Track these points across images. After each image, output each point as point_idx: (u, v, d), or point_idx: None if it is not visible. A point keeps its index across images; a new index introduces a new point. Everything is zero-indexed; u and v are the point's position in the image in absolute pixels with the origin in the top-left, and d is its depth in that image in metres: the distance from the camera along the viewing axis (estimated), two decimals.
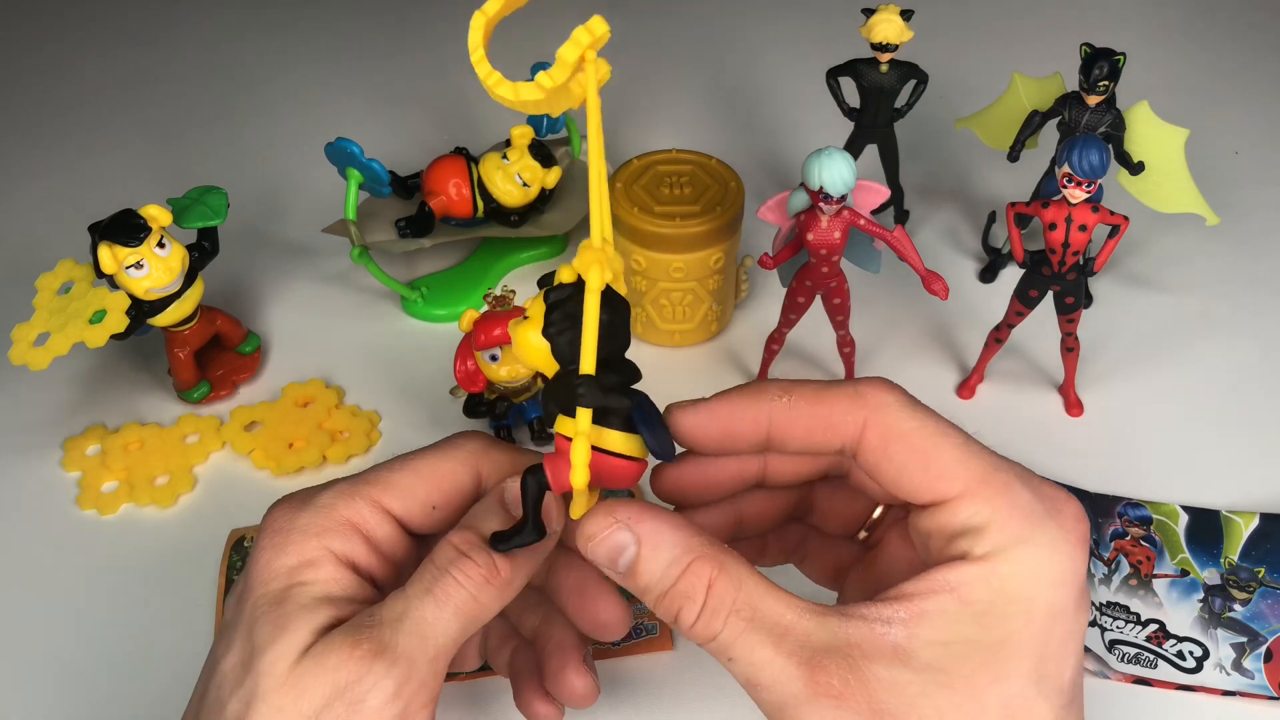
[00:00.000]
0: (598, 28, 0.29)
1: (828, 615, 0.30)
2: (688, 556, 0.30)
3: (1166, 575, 0.48)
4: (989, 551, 0.29)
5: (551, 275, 0.32)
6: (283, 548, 0.33)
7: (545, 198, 0.62)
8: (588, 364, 0.30)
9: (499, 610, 0.33)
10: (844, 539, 0.38)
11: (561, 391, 0.31)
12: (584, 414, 0.30)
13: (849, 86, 0.60)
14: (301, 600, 0.32)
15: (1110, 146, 0.51)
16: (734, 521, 0.37)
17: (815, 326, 0.55)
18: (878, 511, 0.36)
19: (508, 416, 0.52)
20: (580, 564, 0.36)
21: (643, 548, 0.31)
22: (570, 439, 0.30)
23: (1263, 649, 0.46)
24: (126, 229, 0.49)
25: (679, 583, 0.30)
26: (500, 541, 0.32)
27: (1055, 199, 0.48)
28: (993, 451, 0.32)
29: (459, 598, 0.32)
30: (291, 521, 0.34)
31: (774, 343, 0.55)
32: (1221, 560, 0.49)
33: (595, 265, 0.30)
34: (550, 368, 0.31)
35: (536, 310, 0.31)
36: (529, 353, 0.31)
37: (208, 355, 0.56)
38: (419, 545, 0.36)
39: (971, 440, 0.32)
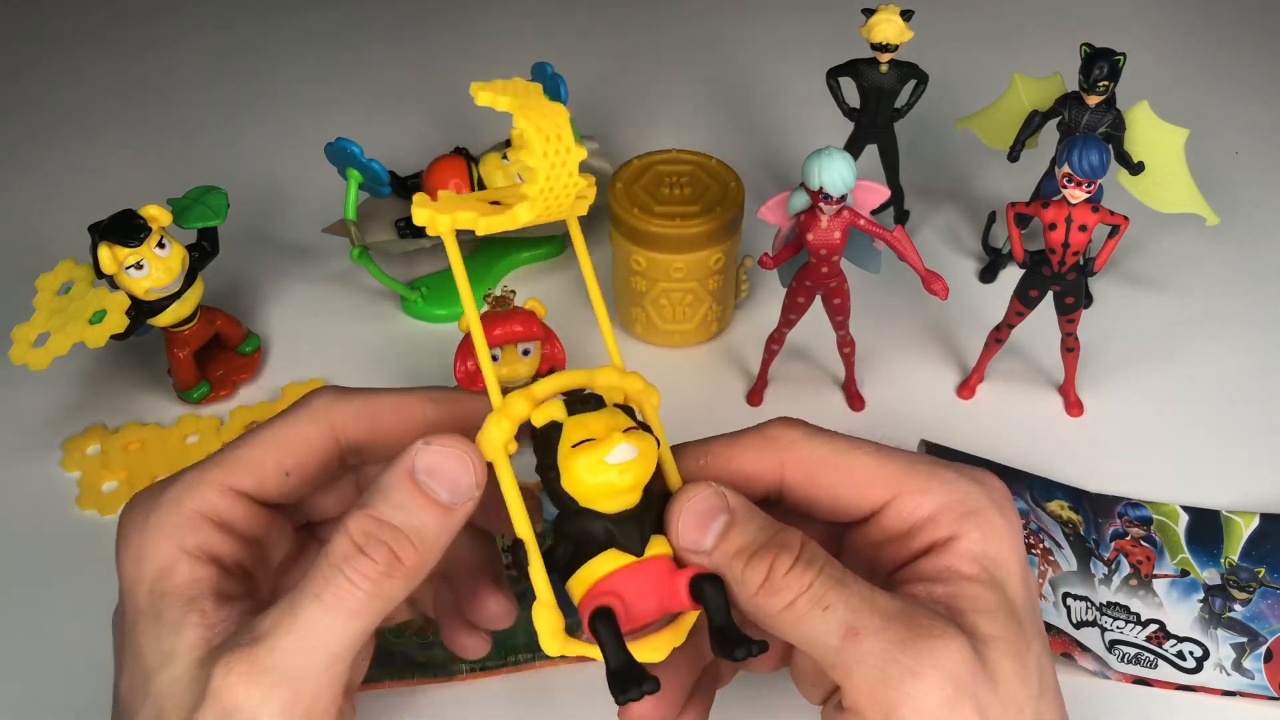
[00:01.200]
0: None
1: (897, 593, 0.30)
2: (777, 525, 0.31)
3: (1167, 575, 0.48)
4: (951, 533, 0.31)
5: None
6: (139, 558, 0.32)
7: None
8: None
9: (401, 599, 0.31)
10: None
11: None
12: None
13: (849, 86, 0.60)
14: (169, 617, 0.31)
15: (1110, 146, 0.51)
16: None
17: (815, 326, 0.55)
18: None
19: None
20: (472, 553, 0.36)
21: (737, 515, 0.31)
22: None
23: (1263, 649, 0.46)
24: (126, 229, 0.49)
25: (775, 537, 0.30)
26: (736, 647, 0.29)
27: (1055, 199, 0.48)
28: (903, 450, 0.33)
29: (354, 600, 0.29)
30: (142, 527, 0.32)
31: (774, 343, 0.55)
32: (1222, 560, 0.49)
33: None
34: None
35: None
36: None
37: (208, 355, 0.56)
38: (284, 514, 0.35)
39: (883, 446, 0.33)
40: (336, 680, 0.30)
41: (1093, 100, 0.55)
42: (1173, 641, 0.46)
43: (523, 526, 0.30)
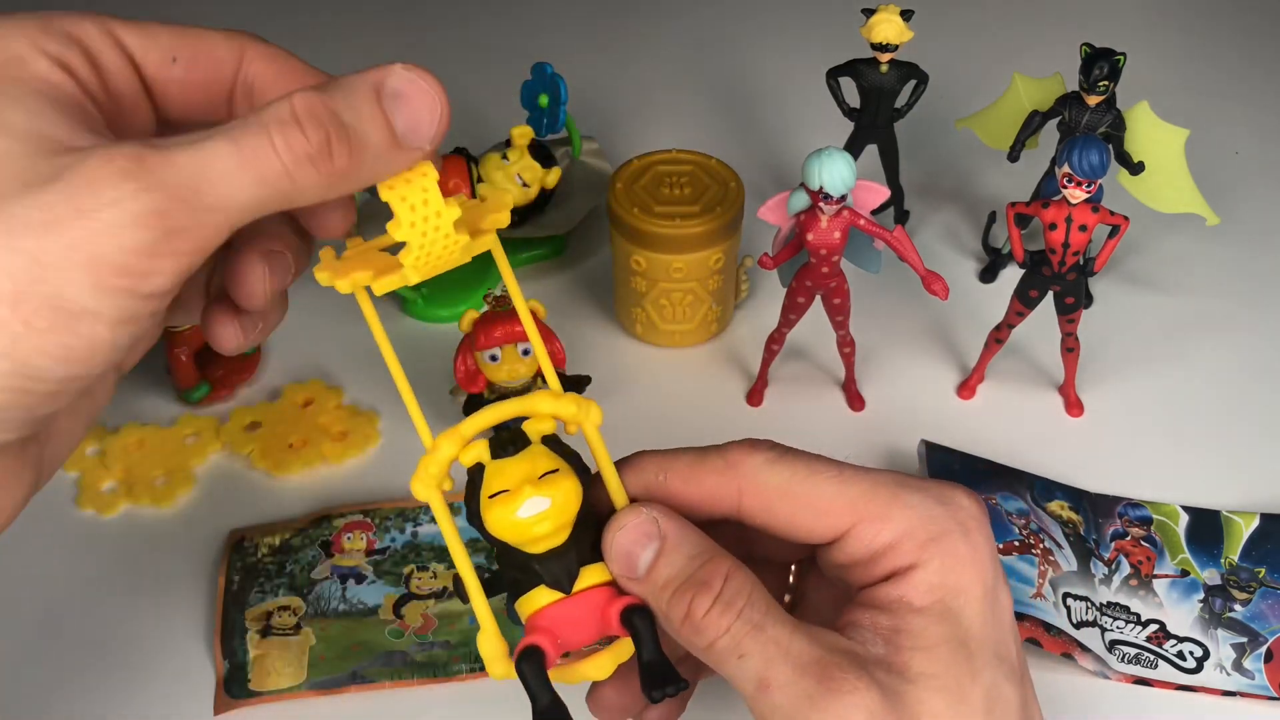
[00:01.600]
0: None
1: (826, 631, 0.30)
2: (708, 553, 0.30)
3: (1167, 575, 0.48)
4: (912, 561, 0.30)
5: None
6: None
7: (545, 198, 0.61)
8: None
9: (313, 202, 0.27)
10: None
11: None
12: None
13: (849, 86, 0.60)
14: (14, 92, 0.26)
15: (1110, 146, 0.50)
16: None
17: (815, 327, 0.55)
18: (793, 570, 0.37)
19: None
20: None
21: (666, 541, 0.30)
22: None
23: (1263, 649, 0.46)
24: None
25: (697, 573, 0.30)
26: (655, 688, 0.29)
27: (1055, 199, 0.48)
28: (869, 470, 0.32)
29: (268, 165, 0.25)
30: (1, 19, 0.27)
31: (774, 343, 0.55)
32: (1222, 560, 0.49)
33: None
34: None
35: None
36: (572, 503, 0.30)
37: (207, 356, 0.56)
38: (150, 103, 0.30)
39: (845, 468, 0.32)
40: (210, 231, 0.25)
41: (1093, 100, 0.55)
42: (1173, 641, 0.46)
43: (462, 563, 0.30)
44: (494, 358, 0.50)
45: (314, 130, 0.26)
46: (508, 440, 0.30)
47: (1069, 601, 0.46)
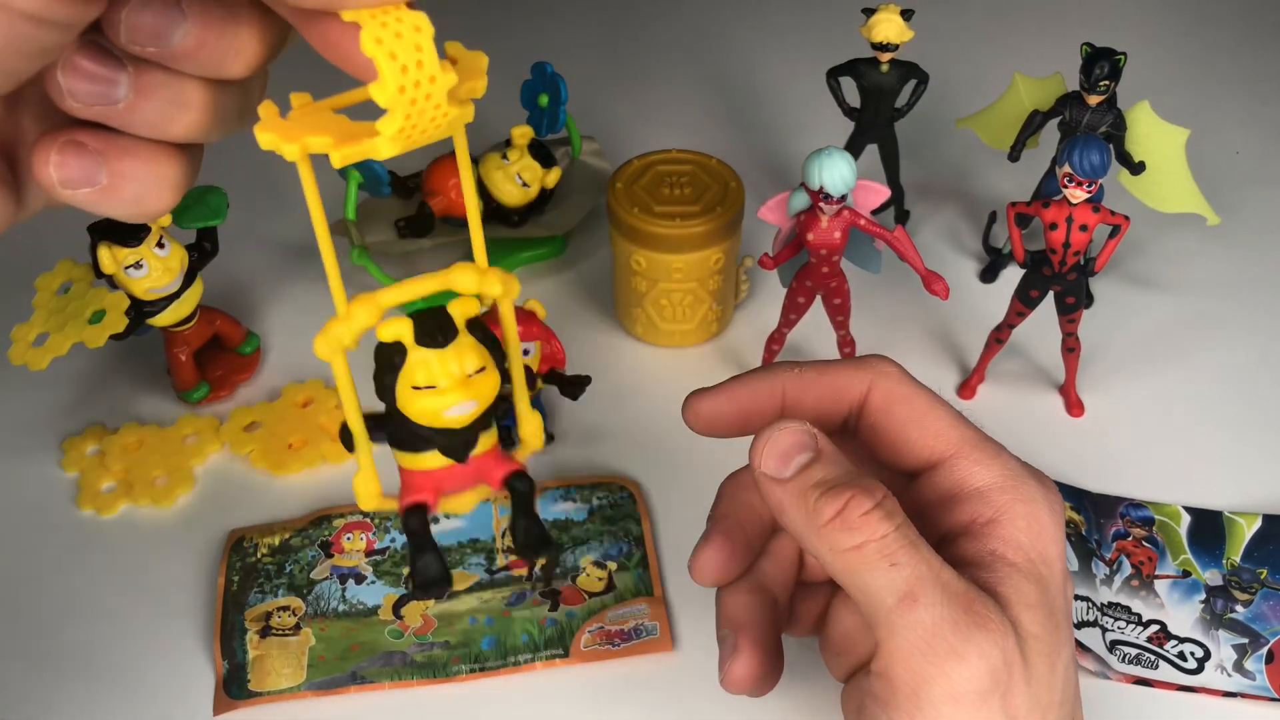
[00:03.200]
0: None
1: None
2: (860, 472, 0.31)
3: (1168, 576, 0.48)
4: (996, 513, 0.31)
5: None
6: None
7: (545, 198, 0.61)
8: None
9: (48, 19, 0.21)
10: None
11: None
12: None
13: (849, 86, 0.60)
14: None
15: (1111, 146, 0.50)
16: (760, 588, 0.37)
17: (815, 327, 0.55)
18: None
19: (508, 417, 0.52)
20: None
21: (824, 451, 0.31)
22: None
23: (1264, 650, 0.45)
24: (125, 229, 0.49)
25: (858, 479, 0.30)
26: (425, 589, 0.31)
27: (1056, 199, 0.48)
28: (979, 428, 0.34)
29: None
30: None
31: (774, 343, 0.55)
32: (1224, 561, 0.49)
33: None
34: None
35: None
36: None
37: (207, 356, 0.56)
38: None
39: (964, 416, 0.34)
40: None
41: (1093, 100, 0.55)
42: (1174, 642, 0.46)
43: (354, 417, 0.30)
44: None
45: None
46: (435, 329, 0.29)
47: None
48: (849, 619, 0.34)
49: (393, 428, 0.30)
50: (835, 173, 0.46)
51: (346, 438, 0.31)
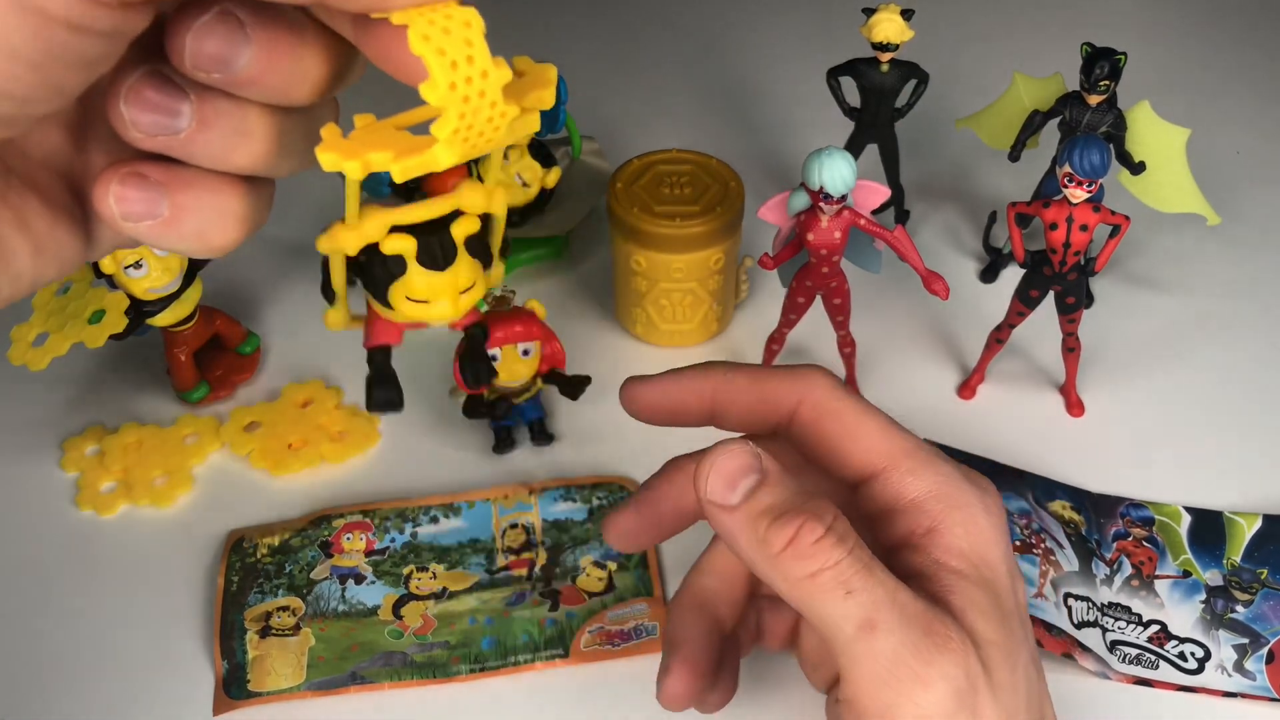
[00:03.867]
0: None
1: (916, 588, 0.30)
2: (812, 493, 0.30)
3: (1168, 576, 0.48)
4: (932, 524, 0.31)
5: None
6: None
7: (545, 198, 0.61)
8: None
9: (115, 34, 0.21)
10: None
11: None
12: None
13: (849, 86, 0.60)
14: None
15: (1111, 146, 0.50)
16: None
17: (815, 327, 0.55)
18: None
19: (508, 417, 0.52)
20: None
21: (770, 474, 0.30)
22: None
23: (1264, 650, 0.45)
24: None
25: (806, 504, 0.29)
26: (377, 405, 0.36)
27: (1056, 199, 0.48)
28: (915, 435, 0.33)
29: None
30: None
31: (774, 343, 0.55)
32: (1224, 561, 0.49)
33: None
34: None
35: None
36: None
37: (207, 356, 0.56)
38: None
39: (896, 424, 0.33)
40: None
41: (1094, 100, 0.55)
42: (1174, 642, 0.46)
43: (339, 279, 0.33)
44: (494, 358, 0.50)
45: None
46: (438, 251, 0.31)
47: (1070, 601, 0.45)
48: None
49: (371, 269, 0.33)
50: (835, 173, 0.46)
51: (327, 290, 0.33)
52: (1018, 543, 0.46)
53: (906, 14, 0.56)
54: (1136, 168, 0.57)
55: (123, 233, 0.25)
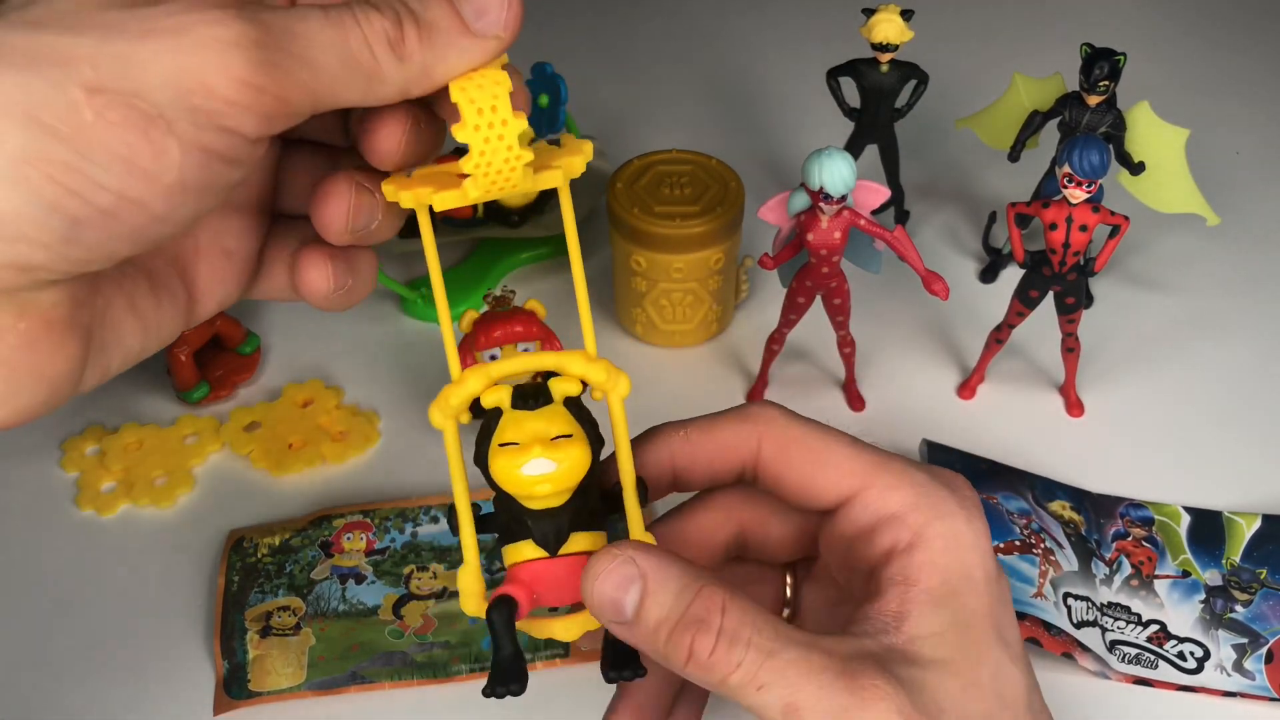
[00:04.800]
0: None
1: (834, 636, 0.29)
2: (696, 584, 0.29)
3: (1168, 576, 0.48)
4: (914, 537, 0.30)
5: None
6: None
7: (545, 198, 0.61)
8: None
9: (391, 96, 0.28)
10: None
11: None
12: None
13: (849, 86, 0.60)
14: None
15: (1111, 146, 0.50)
16: None
17: (815, 327, 0.55)
18: (788, 583, 0.37)
19: None
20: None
21: (649, 581, 0.29)
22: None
23: (1264, 650, 0.45)
24: None
25: (690, 609, 0.28)
26: (614, 669, 0.30)
27: (1056, 199, 0.48)
28: (879, 448, 0.33)
29: (353, 36, 0.26)
30: None
31: (774, 343, 0.55)
32: (1223, 561, 0.49)
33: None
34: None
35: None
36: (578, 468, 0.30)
37: (207, 356, 0.56)
38: None
39: (859, 440, 0.33)
40: (282, 93, 0.25)
41: (1093, 100, 0.55)
42: (1173, 642, 0.46)
43: (461, 496, 0.31)
44: (494, 358, 0.50)
45: (387, 10, 0.27)
46: (530, 394, 0.30)
47: (1070, 601, 0.45)
48: None
49: (497, 513, 0.31)
50: (835, 173, 0.46)
51: (452, 517, 0.31)
52: (1017, 542, 0.46)
53: (906, 14, 0.56)
54: (1136, 168, 0.57)
55: (316, 303, 0.32)
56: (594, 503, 0.31)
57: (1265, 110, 0.77)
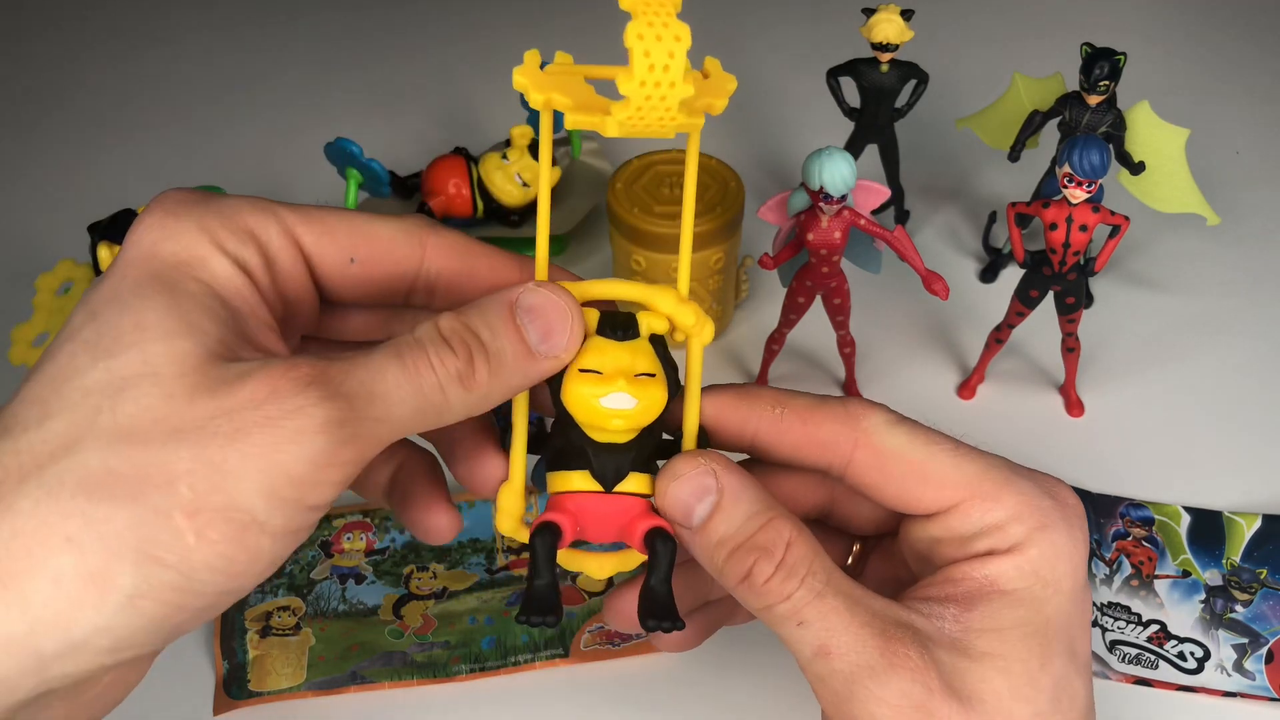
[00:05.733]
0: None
1: (885, 600, 0.30)
2: (769, 513, 0.30)
3: (1168, 576, 0.48)
4: (1016, 543, 0.30)
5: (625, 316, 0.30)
6: (173, 234, 0.27)
7: None
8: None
9: (453, 421, 0.28)
10: None
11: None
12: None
13: (849, 86, 0.60)
14: (194, 290, 0.26)
15: (1111, 146, 0.50)
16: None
17: (815, 327, 0.55)
18: (854, 550, 0.37)
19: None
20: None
21: (724, 497, 0.30)
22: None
23: (1264, 650, 0.45)
24: (126, 229, 0.49)
25: (758, 535, 0.29)
26: (652, 618, 0.29)
27: (1056, 199, 0.48)
28: (981, 451, 0.32)
29: (428, 381, 0.27)
30: (186, 209, 0.27)
31: (774, 343, 0.55)
32: (1223, 561, 0.49)
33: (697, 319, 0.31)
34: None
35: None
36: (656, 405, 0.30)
37: None
38: (318, 295, 0.31)
39: (960, 445, 0.32)
40: (377, 440, 0.27)
41: (1093, 100, 0.55)
42: (1174, 642, 0.46)
43: (520, 408, 0.31)
44: None
45: (460, 345, 0.28)
46: (620, 323, 0.30)
47: None
48: None
49: (553, 436, 0.31)
50: (835, 173, 0.46)
51: (506, 431, 0.31)
52: None
53: (906, 14, 0.56)
54: (1136, 168, 0.57)
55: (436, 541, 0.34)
56: (655, 446, 0.31)
57: (1265, 110, 0.77)
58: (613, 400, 0.29)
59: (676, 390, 0.30)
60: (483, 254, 0.32)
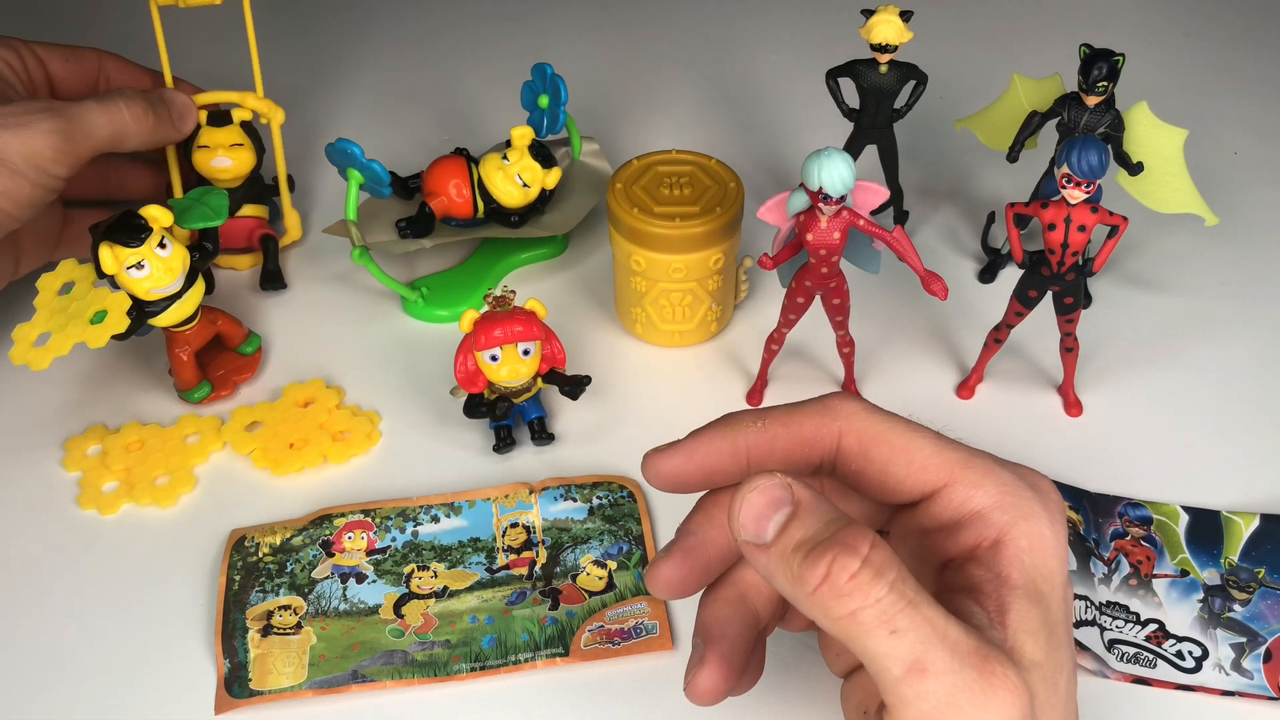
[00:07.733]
0: None
1: (964, 619, 0.29)
2: (845, 520, 0.28)
3: (1166, 575, 0.48)
4: (999, 535, 0.30)
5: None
6: None
7: (545, 198, 0.62)
8: None
9: (137, 147, 0.55)
10: None
11: None
12: None
13: (848, 87, 0.60)
14: None
15: (1109, 147, 0.51)
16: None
17: (815, 327, 0.55)
18: None
19: (508, 416, 0.52)
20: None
21: (801, 507, 0.29)
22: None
23: (1262, 649, 0.46)
24: (127, 229, 0.49)
25: (840, 534, 0.27)
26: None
27: (1054, 199, 0.49)
28: (962, 443, 0.32)
29: (118, 116, 0.53)
30: None
31: (774, 343, 0.55)
32: (1221, 560, 0.49)
33: None
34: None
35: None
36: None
37: (209, 355, 0.56)
38: (49, 85, 0.59)
39: (942, 435, 0.32)
40: (81, 152, 0.51)
41: (1092, 101, 0.55)
42: (1172, 641, 0.46)
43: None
44: (494, 358, 0.50)
45: (141, 99, 0.55)
46: (216, 117, 0.57)
47: None
48: None
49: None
50: (834, 173, 0.46)
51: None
52: None
53: (905, 15, 0.56)
54: (1135, 168, 0.57)
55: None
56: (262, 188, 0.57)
57: (1264, 110, 0.77)
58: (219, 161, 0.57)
59: (262, 153, 0.55)
60: (137, 69, 0.62)
